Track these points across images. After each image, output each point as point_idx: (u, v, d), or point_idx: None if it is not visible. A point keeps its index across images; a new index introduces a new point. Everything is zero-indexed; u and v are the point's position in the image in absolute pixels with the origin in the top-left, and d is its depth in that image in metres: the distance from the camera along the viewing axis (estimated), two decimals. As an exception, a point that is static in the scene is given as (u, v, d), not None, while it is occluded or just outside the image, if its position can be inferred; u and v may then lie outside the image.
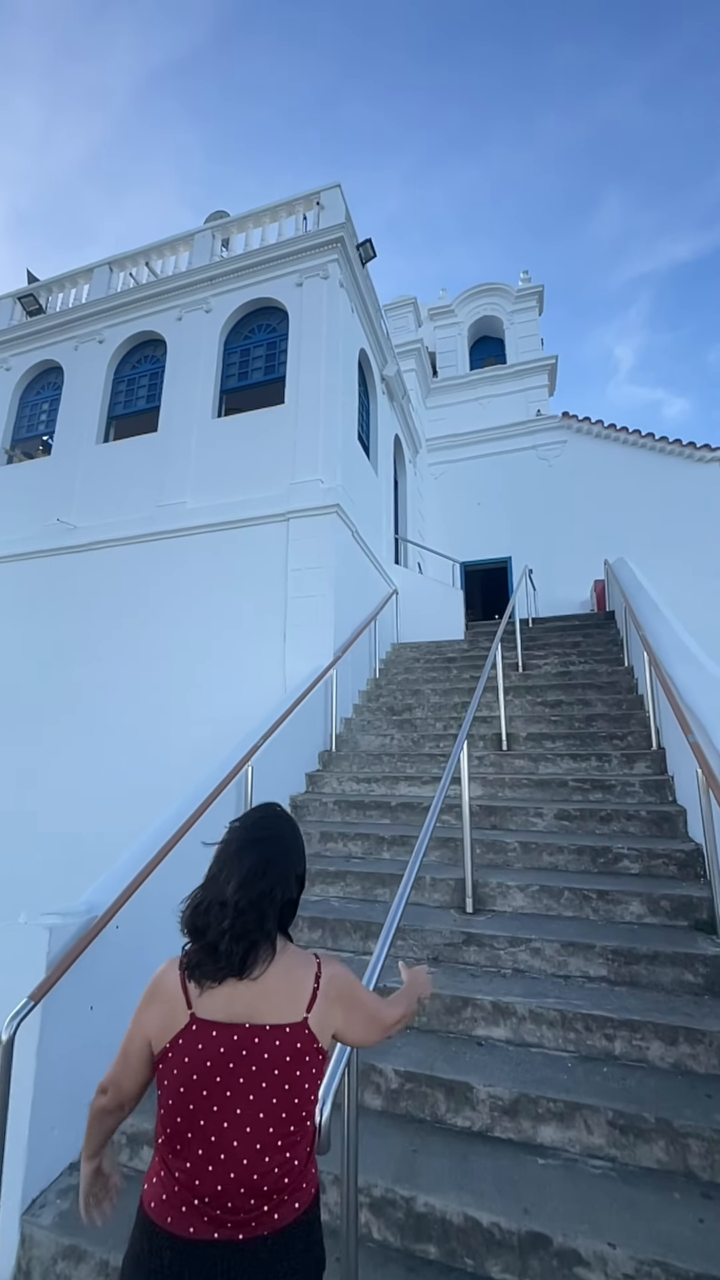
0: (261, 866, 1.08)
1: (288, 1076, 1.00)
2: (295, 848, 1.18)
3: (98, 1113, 1.14)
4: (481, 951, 2.87)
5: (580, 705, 5.36)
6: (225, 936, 1.02)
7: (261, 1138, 0.99)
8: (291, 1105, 1.01)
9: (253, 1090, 0.99)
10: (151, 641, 6.58)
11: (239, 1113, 0.98)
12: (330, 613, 6.01)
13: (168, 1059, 1.02)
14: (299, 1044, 1.03)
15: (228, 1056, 0.99)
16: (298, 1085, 1.01)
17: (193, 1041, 1.01)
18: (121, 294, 8.40)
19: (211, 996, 1.03)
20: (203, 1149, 0.98)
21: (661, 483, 11.30)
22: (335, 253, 7.40)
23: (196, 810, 3.31)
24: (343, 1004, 1.11)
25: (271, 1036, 1.01)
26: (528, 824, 3.90)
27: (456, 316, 14.25)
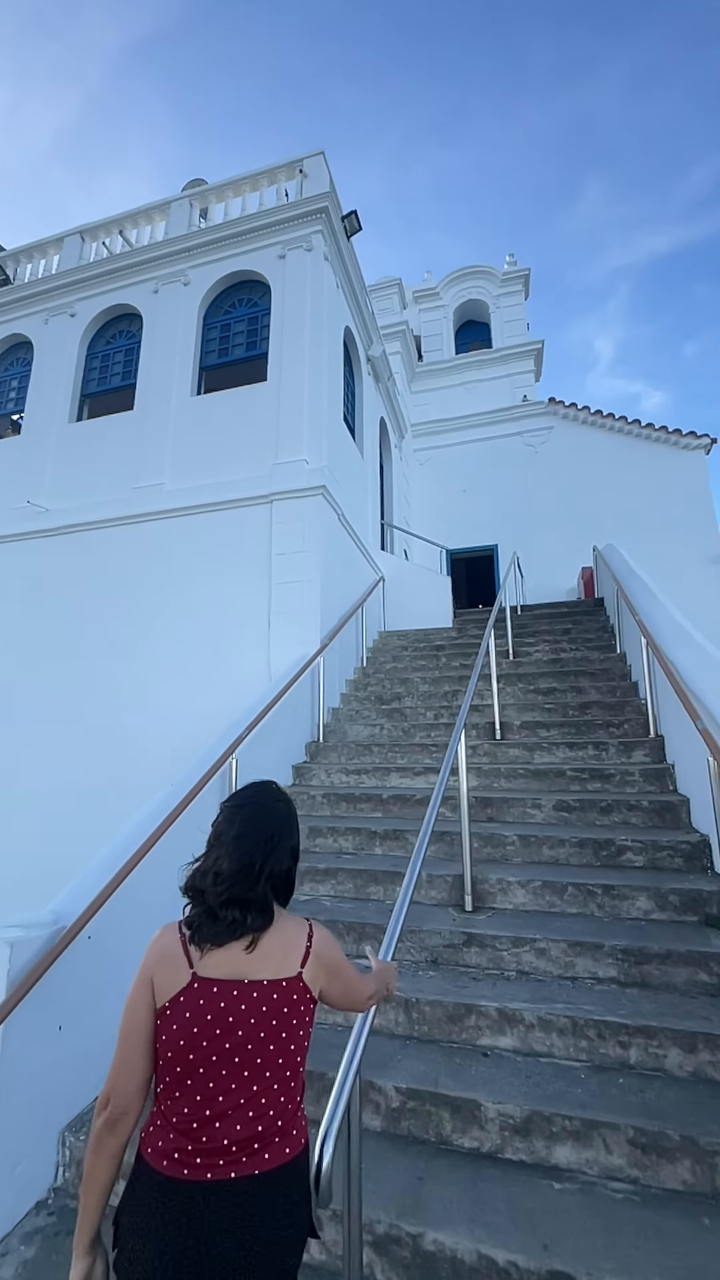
0: (254, 838, 1.13)
1: (284, 1027, 1.06)
2: (287, 821, 1.21)
3: (103, 1130, 1.04)
4: (483, 953, 2.71)
5: (574, 693, 5.22)
6: (223, 903, 1.07)
7: (257, 1082, 1.03)
8: (287, 1053, 1.06)
9: (250, 1040, 1.03)
10: (129, 630, 6.28)
11: (236, 1061, 1.02)
12: (316, 598, 5.78)
13: (167, 1016, 1.04)
14: (294, 996, 1.08)
15: (227, 1011, 1.04)
16: (293, 1034, 1.07)
17: (194, 998, 1.04)
18: (94, 264, 7.98)
19: (211, 957, 1.07)
20: (200, 1094, 1.02)
21: (647, 469, 11.23)
22: (319, 223, 7.08)
23: (177, 807, 3.09)
24: (329, 968, 1.17)
25: (269, 991, 1.06)
26: (525, 816, 3.74)
27: (442, 300, 13.97)
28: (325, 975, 1.16)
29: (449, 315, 13.88)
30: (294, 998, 1.08)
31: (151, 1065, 1.06)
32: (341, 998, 1.24)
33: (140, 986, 1.08)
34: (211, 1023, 1.03)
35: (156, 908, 2.84)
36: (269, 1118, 1.03)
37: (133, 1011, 1.07)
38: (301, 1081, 1.12)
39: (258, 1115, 1.03)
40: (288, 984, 1.08)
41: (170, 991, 1.05)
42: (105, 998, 2.37)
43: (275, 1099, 1.05)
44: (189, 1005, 1.04)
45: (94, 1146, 1.04)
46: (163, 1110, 1.05)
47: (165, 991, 1.06)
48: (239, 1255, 0.96)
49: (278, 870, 1.15)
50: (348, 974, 1.24)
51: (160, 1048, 1.04)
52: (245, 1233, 0.98)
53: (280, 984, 1.08)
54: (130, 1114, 1.05)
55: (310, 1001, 1.11)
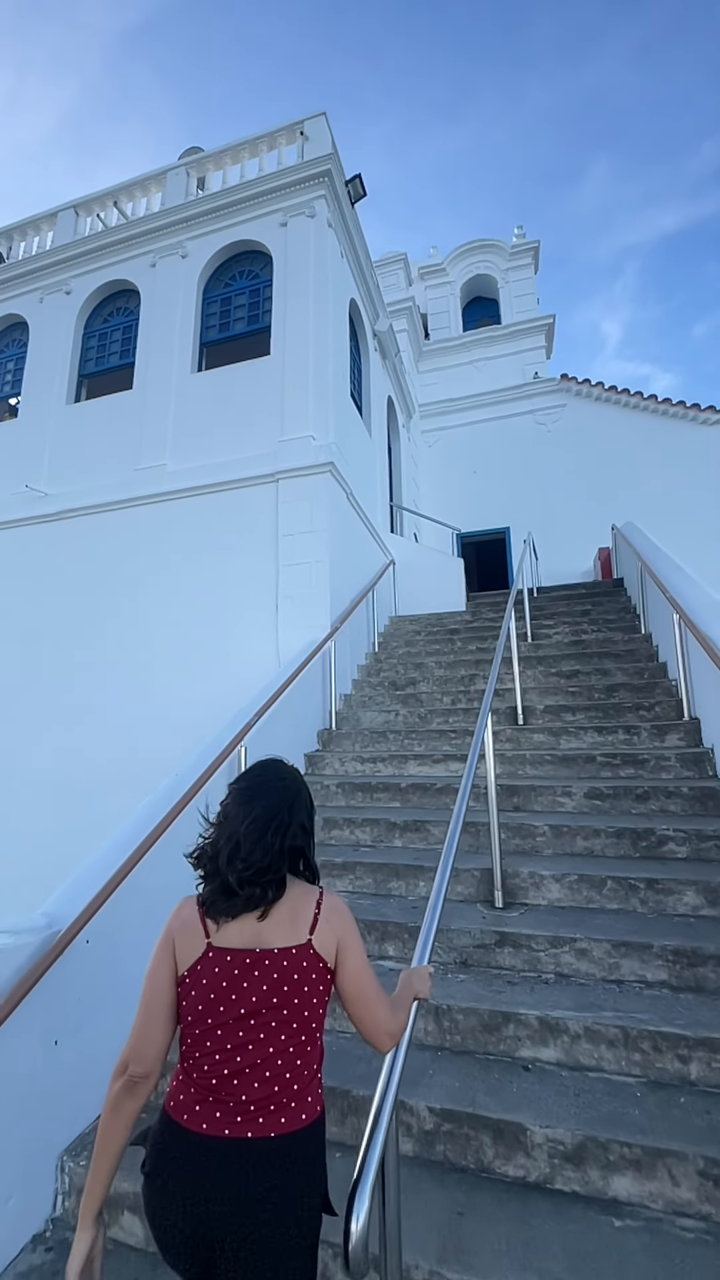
0: (266, 816, 1.13)
1: (296, 993, 1.07)
2: (298, 795, 1.22)
3: (122, 1093, 1.06)
4: (518, 954, 2.48)
5: (598, 675, 4.96)
6: (241, 881, 1.08)
7: (273, 1044, 1.06)
8: (300, 1019, 1.08)
9: (264, 1006, 1.06)
10: (131, 616, 6.06)
11: (251, 1024, 1.05)
12: (326, 580, 5.53)
13: (186, 984, 1.08)
14: (305, 963, 1.09)
15: (241, 978, 1.06)
16: (305, 1001, 1.08)
17: (209, 966, 1.07)
18: (88, 239, 7.68)
19: (226, 927, 1.10)
20: (219, 1054, 1.05)
21: (664, 447, 10.86)
22: (322, 188, 6.75)
23: (183, 797, 2.87)
24: (339, 935, 1.14)
25: (280, 958, 1.08)
26: (555, 804, 3.50)
27: (448, 275, 13.54)
28: (334, 947, 1.13)
29: (456, 292, 13.46)
30: (304, 964, 1.09)
31: (172, 1030, 1.10)
32: (351, 993, 1.13)
33: (162, 954, 1.11)
34: (226, 989, 1.06)
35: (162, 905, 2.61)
36: (284, 1080, 1.05)
37: (154, 977, 1.10)
38: (318, 1049, 1.12)
39: (273, 1076, 1.05)
40: (298, 951, 1.10)
41: (189, 961, 1.09)
42: (106, 1007, 2.17)
43: (291, 1062, 1.07)
44: (205, 973, 1.07)
45: (111, 1109, 1.06)
46: (186, 1067, 1.08)
47: (184, 960, 1.09)
48: (253, 1213, 0.98)
49: (292, 845, 1.15)
50: (360, 962, 1.15)
51: (182, 1012, 1.09)
52: (259, 1193, 0.99)
53: (290, 951, 1.09)
54: (150, 1078, 1.06)
55: (323, 970, 1.11)
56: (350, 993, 1.13)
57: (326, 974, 1.12)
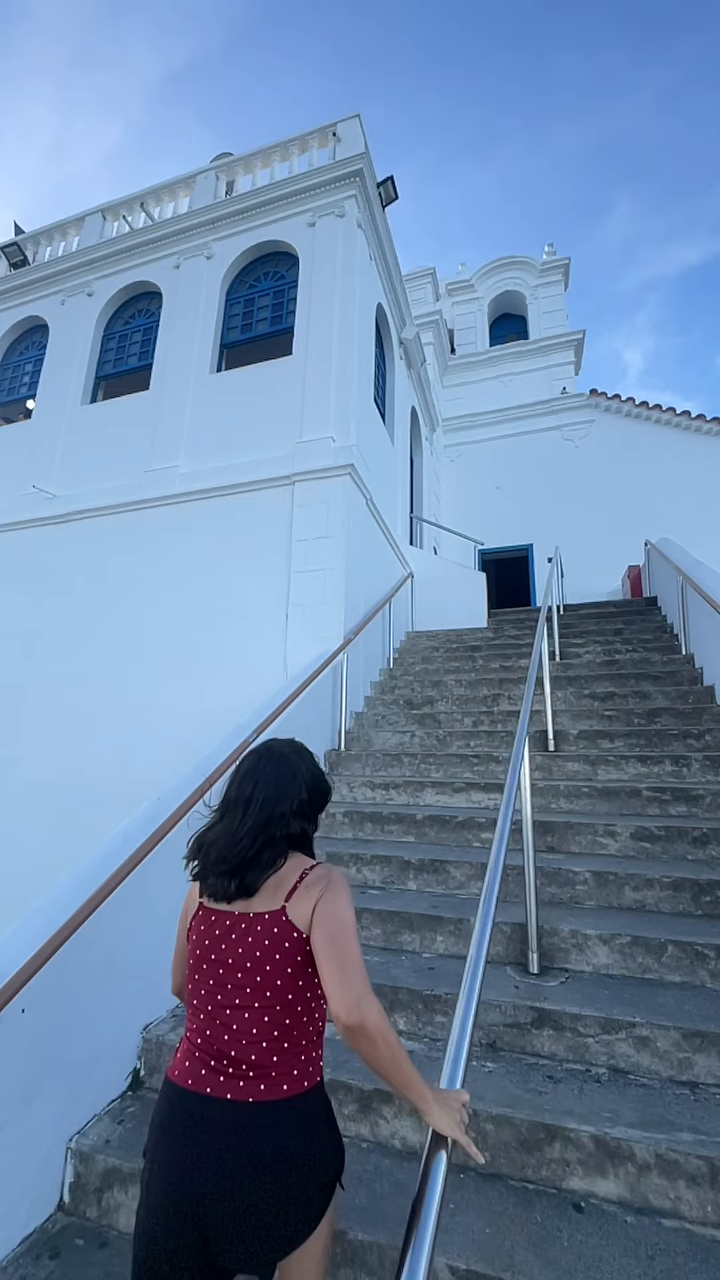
0: (253, 807, 1.16)
1: (267, 960, 1.07)
2: (288, 782, 1.21)
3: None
4: (560, 1038, 2.00)
5: (637, 698, 4.48)
6: (222, 873, 1.13)
7: (248, 1010, 1.07)
8: (274, 988, 1.07)
9: (240, 969, 1.08)
10: (134, 622, 5.74)
11: (229, 986, 1.08)
12: (340, 589, 5.15)
13: (186, 937, 1.19)
14: (276, 929, 1.09)
15: (221, 937, 1.11)
16: (278, 969, 1.07)
17: (198, 924, 1.16)
18: (113, 240, 7.59)
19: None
20: (203, 1011, 1.11)
21: (697, 464, 10.41)
22: (353, 188, 6.55)
23: (162, 825, 2.46)
24: (316, 900, 1.10)
25: (254, 922, 1.10)
26: (596, 845, 3.02)
27: (476, 292, 13.39)
28: (311, 916, 1.08)
29: (483, 308, 13.29)
30: (275, 931, 1.08)
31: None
32: (313, 944, 1.06)
33: (184, 905, 1.24)
34: (209, 947, 1.11)
35: (131, 957, 2.20)
36: (262, 1049, 1.05)
37: (179, 922, 1.25)
38: (306, 1026, 1.09)
39: (250, 1042, 1.05)
40: (270, 917, 1.09)
41: (189, 916, 1.19)
42: (45, 1090, 1.74)
43: (268, 1031, 1.06)
44: (195, 929, 1.15)
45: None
46: (186, 1020, 1.15)
47: (187, 915, 1.20)
48: (231, 1176, 0.98)
49: (283, 834, 1.17)
50: (338, 934, 1.05)
51: (186, 965, 1.18)
52: (237, 1156, 1.00)
53: (264, 916, 1.10)
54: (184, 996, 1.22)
55: (297, 939, 1.08)
56: (314, 944, 1.06)
57: (303, 945, 1.08)
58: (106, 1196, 1.82)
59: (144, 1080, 2.19)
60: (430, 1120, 1.00)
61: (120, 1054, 2.18)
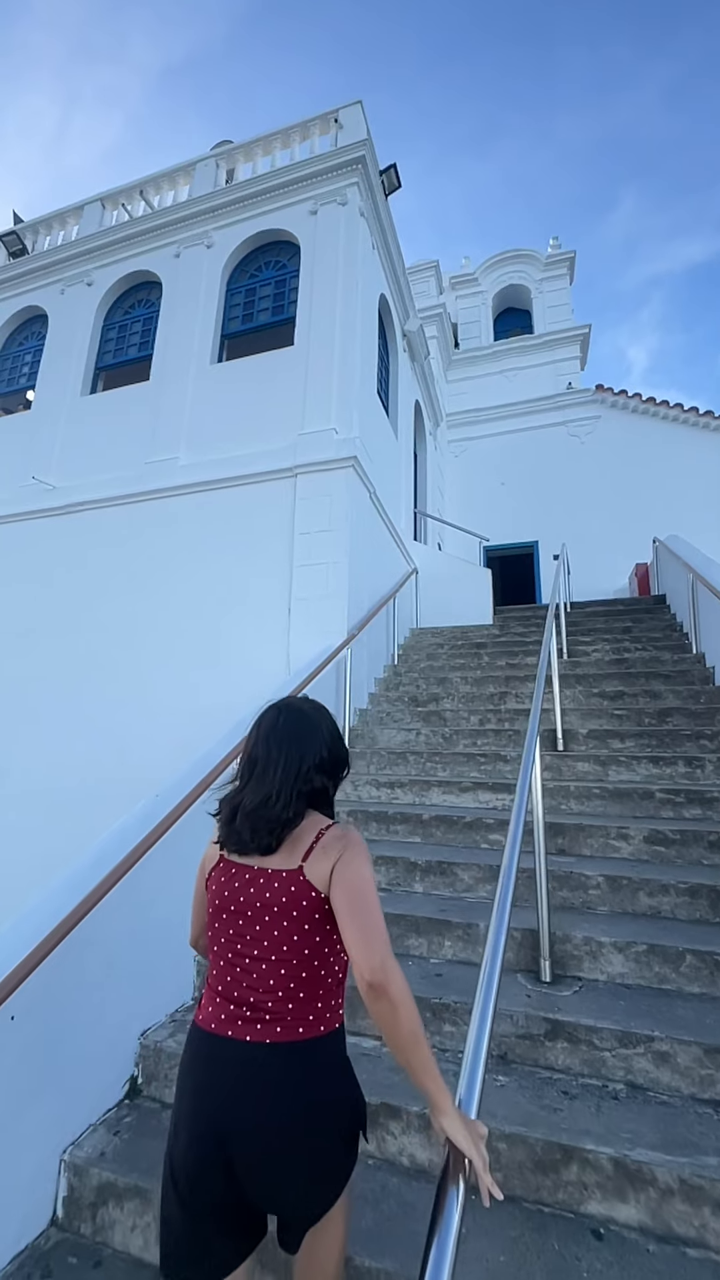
0: (276, 766, 1.16)
1: (284, 916, 1.09)
2: (309, 738, 1.21)
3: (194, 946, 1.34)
4: (575, 1051, 1.91)
5: (647, 697, 4.39)
6: (246, 830, 1.14)
7: (265, 961, 1.09)
8: (291, 944, 1.08)
9: (257, 922, 1.10)
10: (132, 616, 5.65)
11: (247, 938, 1.11)
12: (344, 583, 5.06)
13: (205, 888, 1.21)
14: (293, 888, 1.10)
15: (240, 890, 1.13)
16: (295, 926, 1.08)
17: (217, 876, 1.18)
18: (112, 229, 7.47)
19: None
20: (223, 960, 1.13)
21: (706, 461, 10.28)
22: (355, 175, 6.43)
23: (161, 822, 2.38)
24: (334, 860, 1.10)
25: (271, 879, 1.12)
26: (608, 849, 2.93)
27: (480, 285, 13.24)
28: (329, 877, 1.08)
29: (488, 302, 13.14)
30: (292, 889, 1.09)
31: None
32: (345, 925, 1.04)
33: (199, 868, 1.26)
34: (228, 899, 1.14)
35: (128, 962, 2.12)
36: (278, 997, 1.07)
37: (197, 877, 1.27)
38: (324, 979, 1.10)
39: (267, 991, 1.07)
40: (288, 875, 1.10)
41: (209, 866, 1.22)
42: (39, 1101, 1.65)
43: (284, 983, 1.07)
44: (214, 881, 1.18)
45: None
46: (208, 969, 1.18)
47: (207, 866, 1.23)
48: (250, 1113, 1.02)
49: (305, 790, 1.17)
50: (358, 897, 1.05)
51: (205, 914, 1.21)
52: (253, 1093, 1.03)
53: (281, 874, 1.11)
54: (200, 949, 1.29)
55: (315, 898, 1.09)
56: (335, 905, 1.06)
57: (321, 904, 1.09)
58: (101, 1212, 1.74)
59: (142, 1089, 2.11)
60: (445, 1125, 0.93)
61: (117, 1061, 2.09)
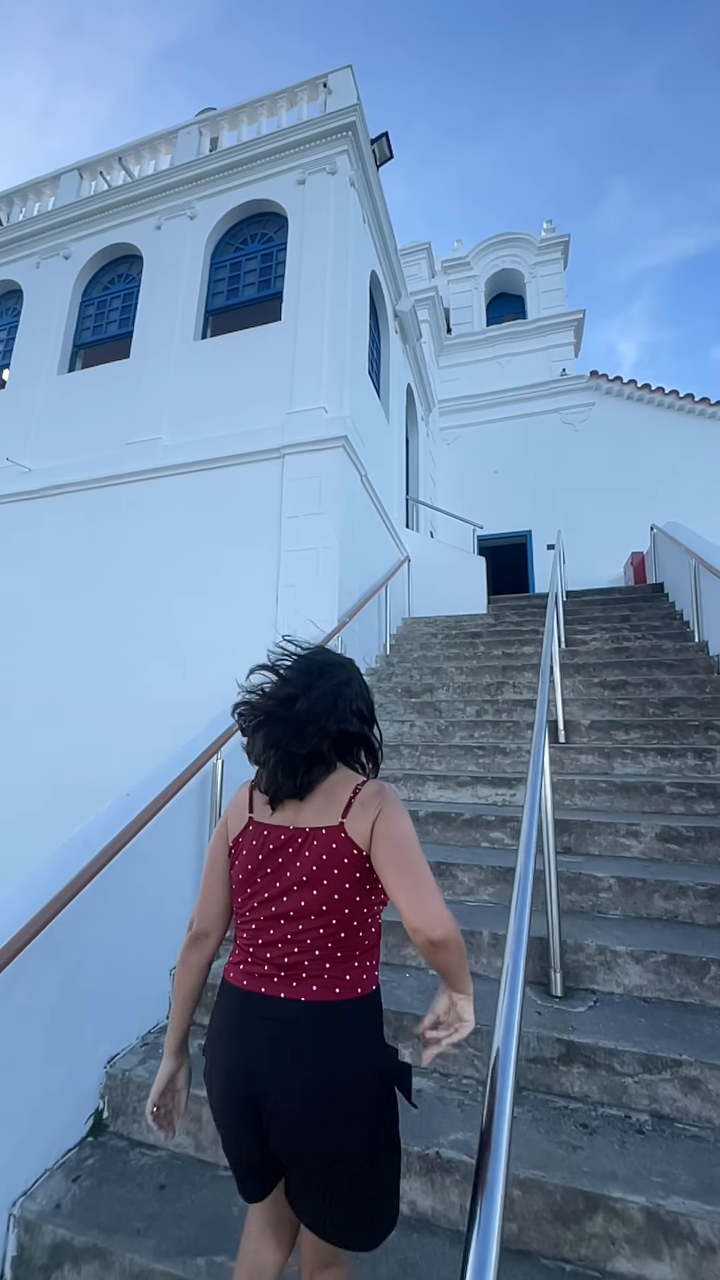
0: (311, 696, 1.13)
1: (325, 874, 1.07)
2: (344, 682, 1.18)
3: (188, 946, 1.20)
4: (593, 1077, 1.71)
5: (650, 687, 4.21)
6: (277, 770, 1.11)
7: (302, 921, 1.07)
8: (331, 902, 1.07)
9: (295, 883, 1.08)
10: (112, 604, 5.38)
11: (284, 899, 1.09)
12: (334, 569, 4.83)
13: (232, 853, 1.17)
14: (335, 844, 1.08)
15: (276, 852, 1.11)
16: (336, 884, 1.07)
17: (249, 839, 1.15)
18: (90, 199, 7.12)
19: (267, 805, 1.16)
20: (256, 923, 1.11)
21: (702, 448, 10.13)
22: (345, 143, 6.14)
23: (131, 825, 2.14)
24: (373, 823, 1.09)
25: (310, 837, 1.10)
26: (618, 847, 2.74)
27: (473, 270, 12.95)
28: (370, 831, 1.08)
29: (480, 286, 12.86)
30: (334, 846, 1.08)
31: (228, 894, 1.19)
32: (393, 880, 1.04)
33: (220, 828, 1.22)
34: (263, 861, 1.11)
35: (92, 981, 1.89)
36: (315, 957, 1.06)
37: (213, 845, 1.22)
38: (362, 939, 1.10)
39: (303, 951, 1.06)
40: (328, 832, 1.10)
41: (235, 832, 1.18)
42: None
43: (322, 942, 1.06)
44: (246, 844, 1.14)
45: (180, 960, 1.21)
46: (237, 929, 1.15)
47: (232, 832, 1.18)
48: (286, 1070, 1.00)
49: (338, 732, 1.14)
50: (402, 848, 1.06)
51: (231, 878, 1.17)
52: (290, 1048, 1.01)
53: (320, 831, 1.10)
54: (212, 935, 1.19)
55: (357, 856, 1.08)
56: (380, 861, 1.06)
57: (362, 861, 1.08)
58: (55, 1276, 1.52)
59: (108, 1124, 1.88)
60: (461, 1002, 1.10)
61: (79, 1093, 1.87)
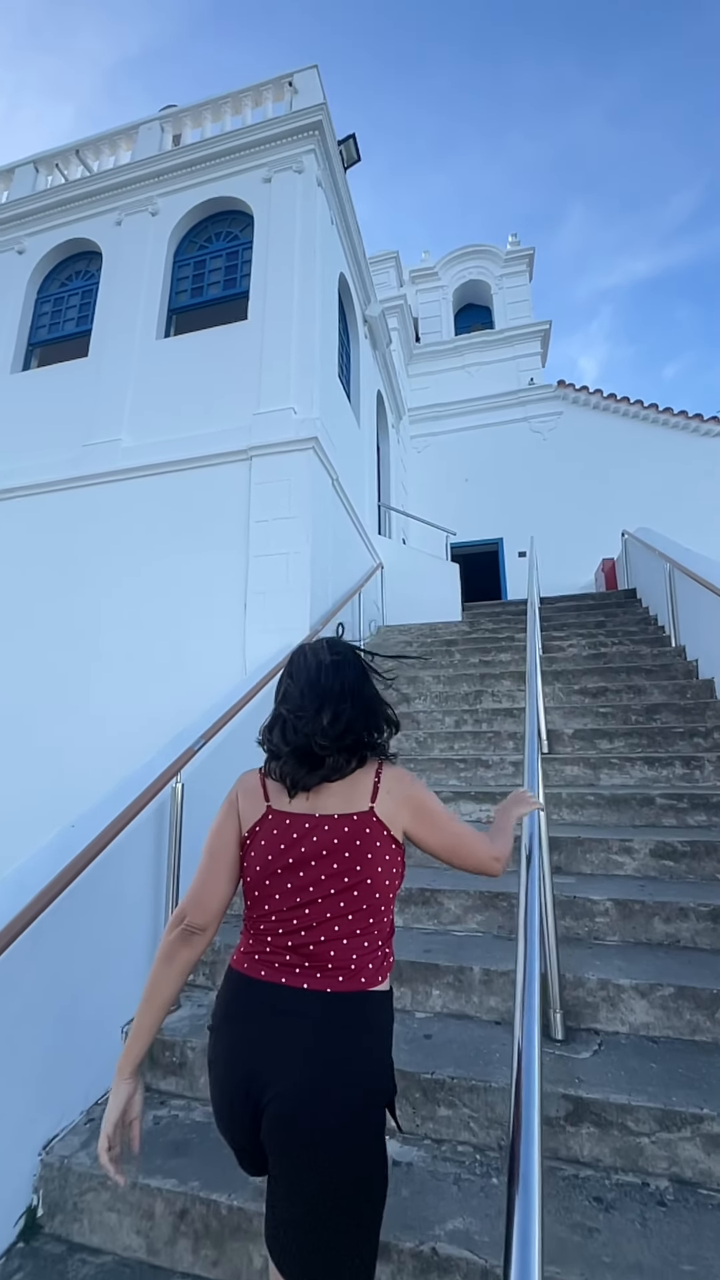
0: (320, 706, 1.09)
1: (357, 860, 1.04)
2: (363, 680, 1.17)
3: (178, 941, 1.06)
4: (605, 1138, 1.51)
5: (631, 693, 4.11)
6: (293, 760, 1.08)
7: (330, 909, 1.03)
8: (362, 887, 1.04)
9: (323, 871, 1.04)
10: (69, 614, 5.05)
11: (310, 889, 1.04)
12: (305, 575, 4.61)
13: (247, 845, 1.10)
14: (367, 829, 1.06)
15: (300, 841, 1.06)
16: (368, 869, 1.04)
17: (268, 828, 1.09)
18: (46, 193, 6.83)
19: (283, 794, 1.10)
20: (278, 912, 1.05)
21: (666, 457, 10.30)
22: (311, 142, 6.01)
23: (75, 861, 1.87)
24: (410, 803, 1.11)
25: (340, 824, 1.06)
26: (610, 864, 2.57)
27: (440, 280, 13.03)
28: (408, 812, 1.09)
29: (448, 296, 12.94)
30: (366, 831, 1.06)
31: (232, 887, 1.11)
32: (445, 847, 1.11)
33: (226, 814, 1.13)
34: (285, 851, 1.06)
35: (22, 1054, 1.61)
36: (342, 946, 1.03)
37: (218, 835, 1.12)
38: (384, 926, 1.08)
39: (329, 939, 1.03)
40: (359, 818, 1.07)
41: (250, 821, 1.11)
42: None
43: (350, 930, 1.03)
44: (264, 834, 1.08)
45: (164, 957, 1.06)
46: (251, 926, 1.09)
47: (248, 821, 1.11)
48: (296, 1059, 0.95)
49: (354, 726, 1.10)
50: (441, 816, 1.12)
51: (244, 870, 1.10)
52: (304, 1038, 0.97)
53: (350, 818, 1.07)
54: (208, 931, 1.08)
55: (387, 839, 1.07)
56: (446, 845, 1.11)
57: (391, 844, 1.07)
58: None
59: (43, 1224, 1.60)
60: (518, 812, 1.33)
61: (7, 1188, 1.58)
